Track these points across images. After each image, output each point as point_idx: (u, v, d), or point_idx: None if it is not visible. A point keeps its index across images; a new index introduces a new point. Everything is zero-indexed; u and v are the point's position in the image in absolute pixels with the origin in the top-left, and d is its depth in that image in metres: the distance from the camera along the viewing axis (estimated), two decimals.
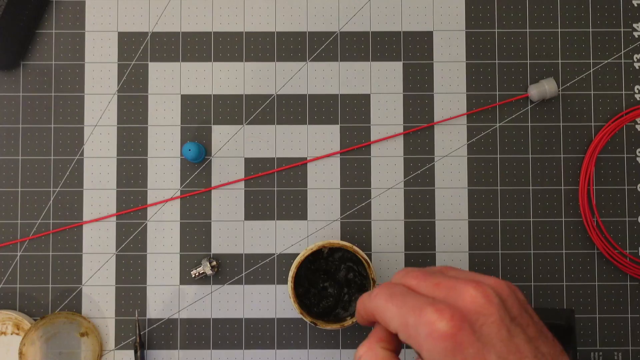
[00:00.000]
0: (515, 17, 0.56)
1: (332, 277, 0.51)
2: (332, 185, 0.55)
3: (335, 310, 0.51)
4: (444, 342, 0.27)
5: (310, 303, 0.51)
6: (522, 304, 0.30)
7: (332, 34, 0.56)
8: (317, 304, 0.51)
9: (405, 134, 0.55)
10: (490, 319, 0.28)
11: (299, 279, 0.51)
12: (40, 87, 0.55)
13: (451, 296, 0.29)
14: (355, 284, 0.51)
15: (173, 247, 0.54)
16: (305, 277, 0.51)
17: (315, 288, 0.51)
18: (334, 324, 0.49)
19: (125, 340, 0.54)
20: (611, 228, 0.55)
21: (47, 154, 0.55)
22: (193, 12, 0.56)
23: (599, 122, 0.55)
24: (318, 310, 0.51)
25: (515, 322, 0.29)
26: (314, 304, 0.51)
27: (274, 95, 0.55)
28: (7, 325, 0.52)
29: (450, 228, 0.54)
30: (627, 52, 0.56)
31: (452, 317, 0.27)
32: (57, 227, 0.54)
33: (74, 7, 0.56)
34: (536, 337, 0.29)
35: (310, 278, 0.51)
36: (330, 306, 0.51)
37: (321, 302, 0.51)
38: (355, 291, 0.51)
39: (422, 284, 0.31)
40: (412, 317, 0.29)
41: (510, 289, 0.30)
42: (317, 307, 0.51)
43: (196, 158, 0.53)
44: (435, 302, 0.28)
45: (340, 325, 0.49)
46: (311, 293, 0.51)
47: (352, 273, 0.51)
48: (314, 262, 0.51)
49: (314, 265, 0.51)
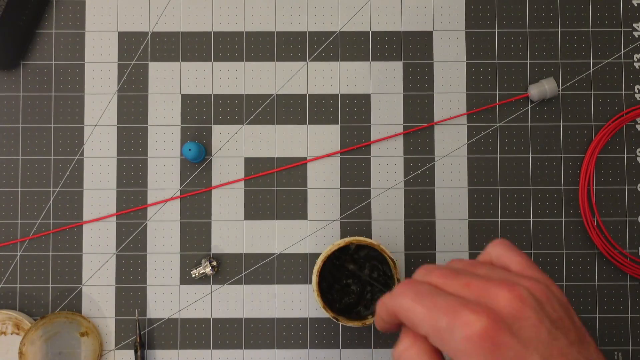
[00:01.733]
0: (515, 17, 0.56)
1: (356, 275, 0.51)
2: (332, 185, 0.55)
3: (356, 308, 0.51)
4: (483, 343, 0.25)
5: (333, 298, 0.50)
6: (564, 306, 0.28)
7: (332, 34, 0.56)
8: (339, 300, 0.51)
9: (405, 133, 0.55)
10: (528, 322, 0.26)
11: (323, 274, 0.50)
12: (40, 87, 0.55)
13: (483, 298, 0.27)
14: (379, 283, 0.50)
15: (173, 247, 0.54)
16: (330, 273, 0.51)
17: (338, 284, 0.51)
18: (356, 321, 0.48)
19: (125, 340, 0.54)
20: (611, 228, 0.55)
21: (47, 154, 0.55)
22: (193, 12, 0.56)
23: (599, 122, 0.55)
24: (340, 306, 0.50)
25: (555, 325, 0.27)
26: (336, 300, 0.51)
27: (274, 95, 0.55)
28: (7, 325, 0.52)
29: (450, 228, 0.54)
30: (627, 52, 0.56)
31: (490, 318, 0.26)
32: (57, 227, 0.54)
33: (74, 7, 0.56)
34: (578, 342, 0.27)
35: (335, 274, 0.51)
36: (352, 303, 0.50)
37: (343, 299, 0.51)
38: (378, 290, 0.50)
39: (449, 282, 0.29)
40: (444, 319, 0.26)
41: (549, 291, 0.28)
42: (339, 303, 0.50)
43: (196, 158, 0.53)
44: (469, 303, 0.27)
45: (361, 323, 0.48)
46: (334, 289, 0.51)
47: (376, 272, 0.51)
48: (339, 257, 0.51)
49: (339, 261, 0.51)
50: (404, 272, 0.54)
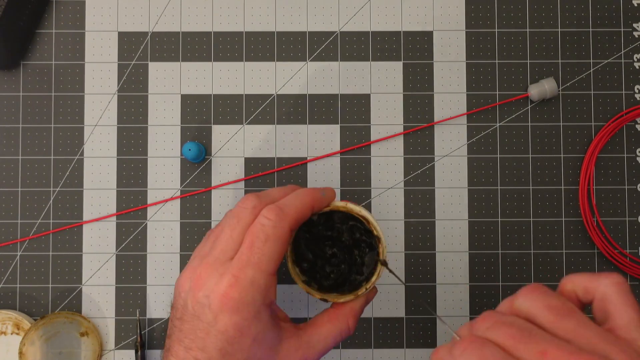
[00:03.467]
0: (515, 17, 0.56)
1: (338, 242, 0.45)
2: (332, 185, 0.55)
3: (350, 277, 0.44)
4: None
5: (321, 276, 0.44)
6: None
7: (332, 34, 0.56)
8: (328, 275, 0.44)
9: (405, 133, 0.55)
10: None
11: (300, 254, 0.44)
12: (40, 87, 0.55)
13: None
14: (365, 243, 0.44)
15: (173, 247, 0.54)
16: (308, 249, 0.44)
17: (322, 259, 0.44)
18: (348, 295, 0.43)
19: (125, 340, 0.54)
20: (611, 228, 0.55)
21: (47, 154, 0.55)
22: (193, 12, 0.56)
23: (599, 122, 0.55)
24: (329, 282, 0.44)
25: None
26: (324, 277, 0.44)
27: (274, 95, 0.55)
28: (7, 325, 0.52)
29: (450, 228, 0.54)
30: (627, 52, 0.56)
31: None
32: (57, 227, 0.54)
33: (74, 7, 0.56)
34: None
35: (314, 250, 0.44)
36: (344, 273, 0.44)
37: (333, 272, 0.44)
38: (367, 250, 0.44)
39: (522, 347, 0.24)
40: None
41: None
42: (327, 280, 0.44)
43: (196, 158, 0.53)
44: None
45: (353, 296, 0.43)
46: (318, 265, 0.44)
47: (358, 232, 0.45)
48: (310, 231, 0.44)
49: (311, 234, 0.44)
50: (403, 269, 0.54)
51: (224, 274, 0.37)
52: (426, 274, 0.54)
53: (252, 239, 0.38)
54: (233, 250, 0.39)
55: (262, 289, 0.38)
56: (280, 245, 0.39)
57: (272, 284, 0.39)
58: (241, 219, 0.39)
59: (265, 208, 0.39)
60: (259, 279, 0.37)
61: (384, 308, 0.54)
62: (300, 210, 0.40)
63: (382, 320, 0.54)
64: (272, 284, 0.39)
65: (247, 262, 0.38)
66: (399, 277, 0.43)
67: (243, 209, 0.40)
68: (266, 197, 0.41)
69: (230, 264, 0.38)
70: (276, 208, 0.39)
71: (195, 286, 0.38)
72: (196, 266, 0.39)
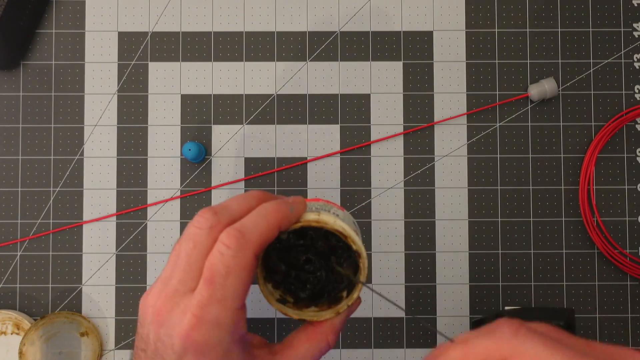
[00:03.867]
0: (515, 17, 0.56)
1: (312, 248, 0.39)
2: (332, 185, 0.55)
3: (328, 287, 0.39)
4: None
5: (296, 287, 0.39)
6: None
7: (332, 34, 0.56)
8: (303, 286, 0.39)
9: (405, 133, 0.55)
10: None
11: (270, 267, 0.38)
12: (40, 87, 0.55)
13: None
14: (342, 249, 0.38)
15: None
16: (280, 261, 0.39)
17: (295, 269, 0.39)
18: (327, 311, 0.38)
19: (125, 340, 0.54)
20: (611, 228, 0.55)
21: (47, 154, 0.55)
22: (193, 12, 0.56)
23: (599, 122, 0.55)
24: (306, 294, 0.39)
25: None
26: (299, 288, 0.39)
27: (274, 95, 0.55)
28: (7, 325, 0.52)
29: (450, 228, 0.54)
30: (627, 52, 0.56)
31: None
32: (57, 227, 0.54)
33: (74, 7, 0.56)
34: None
35: (285, 258, 0.39)
36: (322, 281, 0.39)
37: (309, 281, 0.39)
38: (344, 255, 0.39)
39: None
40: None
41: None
42: (303, 291, 0.39)
43: (196, 158, 0.53)
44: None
45: (334, 313, 0.38)
46: (292, 277, 0.39)
47: (334, 237, 0.38)
48: (279, 240, 0.38)
49: (281, 243, 0.38)
50: (403, 269, 0.54)
51: (186, 311, 0.33)
52: (426, 274, 0.54)
53: (211, 273, 0.33)
54: (192, 280, 0.34)
55: (230, 327, 0.33)
56: (246, 275, 0.34)
57: (240, 317, 0.34)
58: (197, 243, 0.34)
59: (224, 233, 0.34)
60: (225, 318, 0.33)
61: (384, 308, 0.54)
62: (265, 233, 0.35)
63: (382, 320, 0.54)
64: (240, 318, 0.34)
65: (209, 299, 0.33)
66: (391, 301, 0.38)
67: (198, 231, 0.34)
68: (224, 214, 0.35)
69: (191, 299, 0.33)
70: (237, 233, 0.33)
71: (156, 320, 0.34)
72: (157, 293, 0.34)
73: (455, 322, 0.54)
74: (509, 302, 0.54)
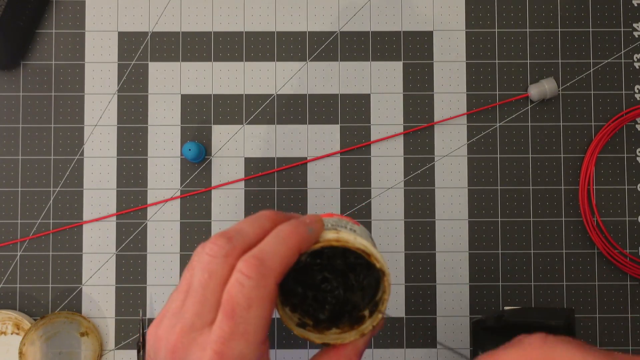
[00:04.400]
0: (515, 17, 0.56)
1: (330, 267, 0.37)
2: (332, 185, 0.55)
3: (347, 307, 0.37)
4: None
5: (314, 309, 0.37)
6: None
7: (332, 34, 0.56)
8: (321, 307, 0.37)
9: (405, 133, 0.55)
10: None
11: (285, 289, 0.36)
12: (40, 87, 0.55)
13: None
14: (361, 266, 0.36)
15: (173, 247, 0.54)
16: (297, 281, 0.36)
17: (312, 289, 0.37)
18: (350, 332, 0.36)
19: (125, 340, 0.54)
20: (611, 228, 0.55)
21: (47, 154, 0.55)
22: (193, 12, 0.56)
23: (599, 122, 0.55)
24: (325, 315, 0.37)
25: None
26: (318, 309, 0.37)
27: (274, 95, 0.55)
28: (7, 325, 0.52)
29: (450, 228, 0.54)
30: (627, 52, 0.56)
31: None
32: (57, 227, 0.54)
33: (74, 7, 0.56)
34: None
35: (302, 280, 0.36)
36: (340, 300, 0.37)
37: (327, 302, 0.37)
38: (364, 272, 0.36)
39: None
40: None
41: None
42: (322, 312, 0.37)
43: (196, 158, 0.53)
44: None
45: (359, 334, 0.36)
46: (309, 298, 0.37)
47: (352, 255, 0.36)
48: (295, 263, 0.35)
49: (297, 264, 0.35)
50: (403, 269, 0.54)
51: (205, 347, 0.30)
52: (426, 274, 0.54)
53: (232, 306, 0.30)
54: (210, 313, 0.31)
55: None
56: (268, 306, 0.31)
57: (264, 351, 0.32)
58: (213, 273, 0.31)
59: (243, 262, 0.31)
60: (248, 353, 0.31)
61: None
62: (286, 259, 0.32)
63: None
64: (264, 352, 0.32)
65: (231, 334, 0.30)
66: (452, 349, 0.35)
67: (212, 259, 0.32)
68: (239, 239, 0.33)
69: (210, 334, 0.31)
70: (256, 261, 0.31)
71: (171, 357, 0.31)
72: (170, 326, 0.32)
73: (455, 322, 0.54)
74: (509, 302, 0.54)
